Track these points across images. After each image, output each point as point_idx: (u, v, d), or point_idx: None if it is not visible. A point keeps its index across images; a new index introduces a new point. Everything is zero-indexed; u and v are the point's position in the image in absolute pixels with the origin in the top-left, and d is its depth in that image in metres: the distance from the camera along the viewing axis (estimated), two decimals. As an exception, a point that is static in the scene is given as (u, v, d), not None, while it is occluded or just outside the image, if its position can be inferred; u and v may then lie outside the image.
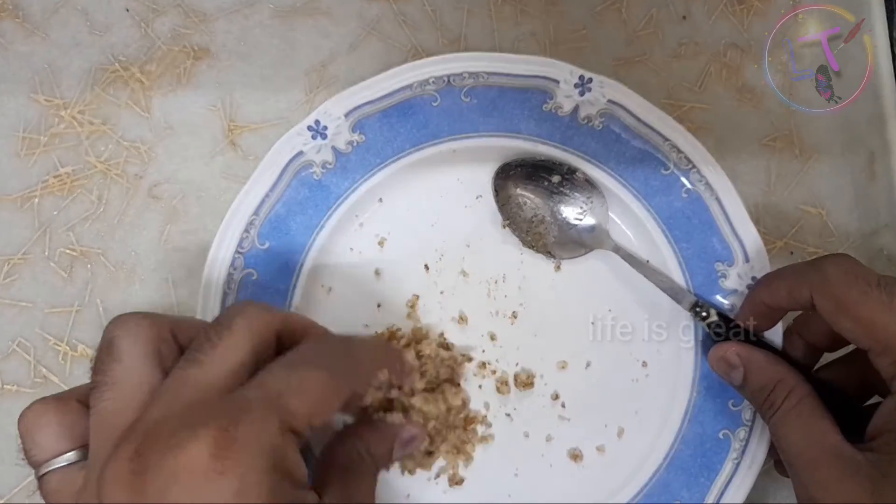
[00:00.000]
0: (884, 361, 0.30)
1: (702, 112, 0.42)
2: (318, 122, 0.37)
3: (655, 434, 0.37)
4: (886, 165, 0.40)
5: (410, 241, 0.39)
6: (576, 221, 0.38)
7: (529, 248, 0.39)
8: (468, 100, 0.37)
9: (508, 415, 0.38)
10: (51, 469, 0.25)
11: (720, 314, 0.36)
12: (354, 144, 0.37)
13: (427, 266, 0.39)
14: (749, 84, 0.42)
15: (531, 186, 0.38)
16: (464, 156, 0.38)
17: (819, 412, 0.31)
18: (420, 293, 0.39)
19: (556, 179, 0.38)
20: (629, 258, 0.37)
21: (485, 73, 0.37)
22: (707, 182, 0.37)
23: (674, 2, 0.43)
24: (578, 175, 0.38)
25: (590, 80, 0.37)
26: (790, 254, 0.41)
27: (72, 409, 0.26)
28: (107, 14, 0.42)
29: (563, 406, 0.38)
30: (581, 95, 0.37)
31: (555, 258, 0.39)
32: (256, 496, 0.21)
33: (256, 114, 0.41)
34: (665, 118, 0.37)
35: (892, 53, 0.41)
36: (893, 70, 0.41)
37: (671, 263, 0.37)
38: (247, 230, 0.37)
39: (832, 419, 0.30)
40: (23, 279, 0.40)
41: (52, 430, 0.25)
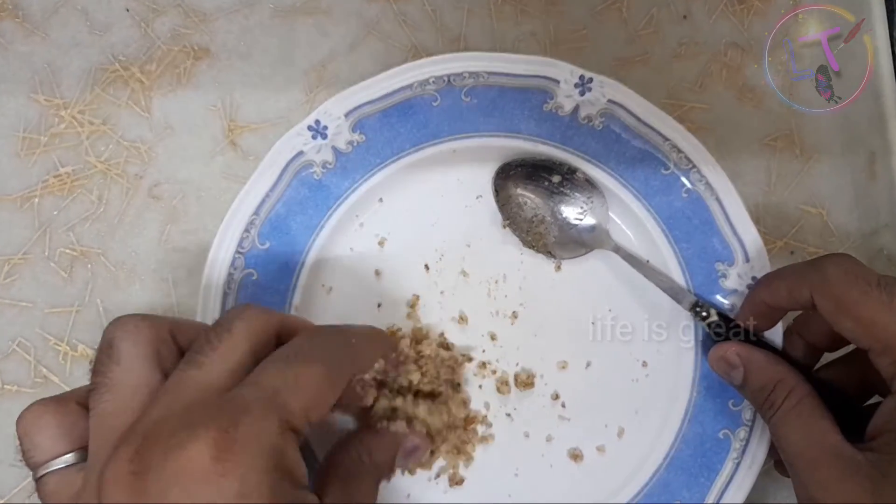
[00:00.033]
0: (884, 361, 0.30)
1: (702, 112, 0.42)
2: (319, 122, 0.37)
3: (655, 434, 0.37)
4: (887, 165, 0.40)
5: (411, 241, 0.39)
6: (576, 221, 0.38)
7: (530, 248, 0.39)
8: (468, 100, 0.37)
9: (509, 415, 0.38)
10: (49, 471, 0.25)
11: (720, 314, 0.36)
12: (354, 144, 0.37)
13: (427, 266, 0.39)
14: (749, 84, 0.42)
15: (531, 186, 0.38)
16: (464, 156, 0.38)
17: (819, 412, 0.31)
18: (420, 293, 0.39)
19: (557, 179, 0.38)
20: (629, 258, 0.37)
21: (485, 73, 0.37)
22: (707, 182, 0.37)
23: (674, 1, 0.43)
24: (579, 175, 0.38)
25: (590, 80, 0.37)
26: (790, 254, 0.41)
27: (71, 411, 0.26)
28: (107, 14, 0.42)
29: (564, 406, 0.38)
30: (581, 95, 0.37)
31: (555, 258, 0.39)
32: (258, 497, 0.21)
33: (256, 114, 0.41)
34: (665, 118, 0.37)
35: (892, 53, 0.41)
36: (893, 70, 0.41)
37: (671, 263, 0.37)
38: (247, 230, 0.37)
39: (832, 419, 0.30)
40: (23, 279, 0.40)
41: (51, 432, 0.25)
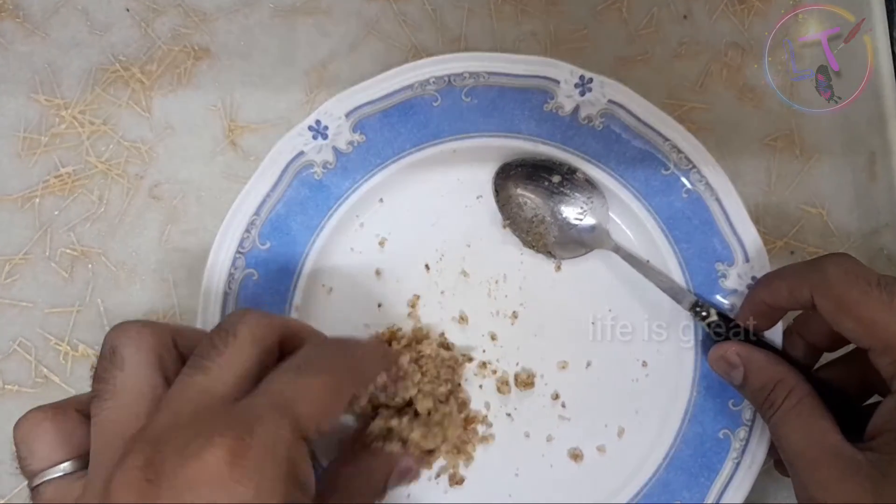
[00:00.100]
0: (884, 361, 0.30)
1: (702, 112, 0.42)
2: (319, 123, 0.37)
3: (655, 434, 0.37)
4: (887, 165, 0.40)
5: (411, 241, 0.39)
6: (576, 221, 0.38)
7: (530, 248, 0.39)
8: (469, 100, 0.37)
9: (509, 415, 0.38)
10: (46, 479, 0.25)
11: (720, 314, 0.36)
12: (355, 144, 0.37)
13: (428, 266, 0.39)
14: (749, 84, 0.43)
15: (531, 186, 0.38)
16: (464, 156, 0.38)
17: (819, 412, 0.31)
18: (421, 293, 0.39)
19: (557, 179, 0.38)
20: (629, 258, 0.37)
21: (485, 73, 0.37)
22: (707, 182, 0.37)
23: (675, 1, 0.43)
24: (579, 175, 0.38)
25: (590, 81, 0.37)
26: (790, 254, 0.41)
27: (70, 418, 0.25)
28: (107, 14, 0.42)
29: (564, 406, 0.38)
30: (581, 95, 0.37)
31: (555, 258, 0.39)
32: None
33: (257, 114, 0.41)
34: (665, 118, 0.37)
35: (892, 53, 0.41)
36: (893, 70, 0.41)
37: (671, 263, 0.37)
38: (247, 230, 0.37)
39: (832, 419, 0.31)
40: (24, 279, 0.40)
41: (49, 439, 0.25)
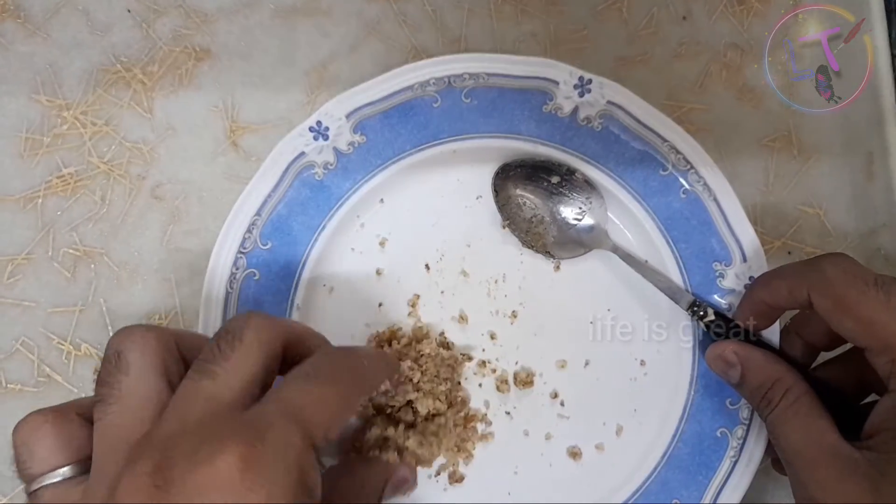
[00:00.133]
0: (881, 360, 0.30)
1: (702, 112, 0.42)
2: (320, 123, 0.37)
3: (654, 433, 0.37)
4: (885, 166, 0.40)
5: (411, 242, 0.39)
6: (575, 222, 0.38)
7: (529, 248, 0.39)
8: (468, 101, 0.38)
9: (508, 413, 0.38)
10: (45, 484, 0.24)
11: (718, 313, 0.36)
12: (356, 145, 0.38)
13: (428, 266, 0.39)
14: (749, 84, 0.43)
15: (531, 187, 0.38)
16: (464, 156, 0.38)
17: (817, 411, 0.31)
18: (421, 293, 0.39)
19: (556, 180, 0.38)
20: (628, 258, 0.38)
21: (485, 74, 0.37)
22: (705, 183, 0.37)
23: (674, 2, 0.43)
24: (577, 176, 0.38)
25: (589, 82, 0.37)
26: (788, 253, 0.41)
27: (71, 422, 0.25)
28: (108, 15, 0.42)
29: (563, 405, 0.38)
30: (581, 97, 0.37)
31: (554, 258, 0.39)
32: None
33: (257, 114, 0.41)
34: (664, 119, 0.37)
35: (892, 53, 0.41)
36: (893, 70, 0.41)
37: (669, 263, 0.38)
38: (249, 230, 0.37)
39: (830, 418, 0.31)
40: (26, 279, 0.40)
41: (49, 443, 0.25)
